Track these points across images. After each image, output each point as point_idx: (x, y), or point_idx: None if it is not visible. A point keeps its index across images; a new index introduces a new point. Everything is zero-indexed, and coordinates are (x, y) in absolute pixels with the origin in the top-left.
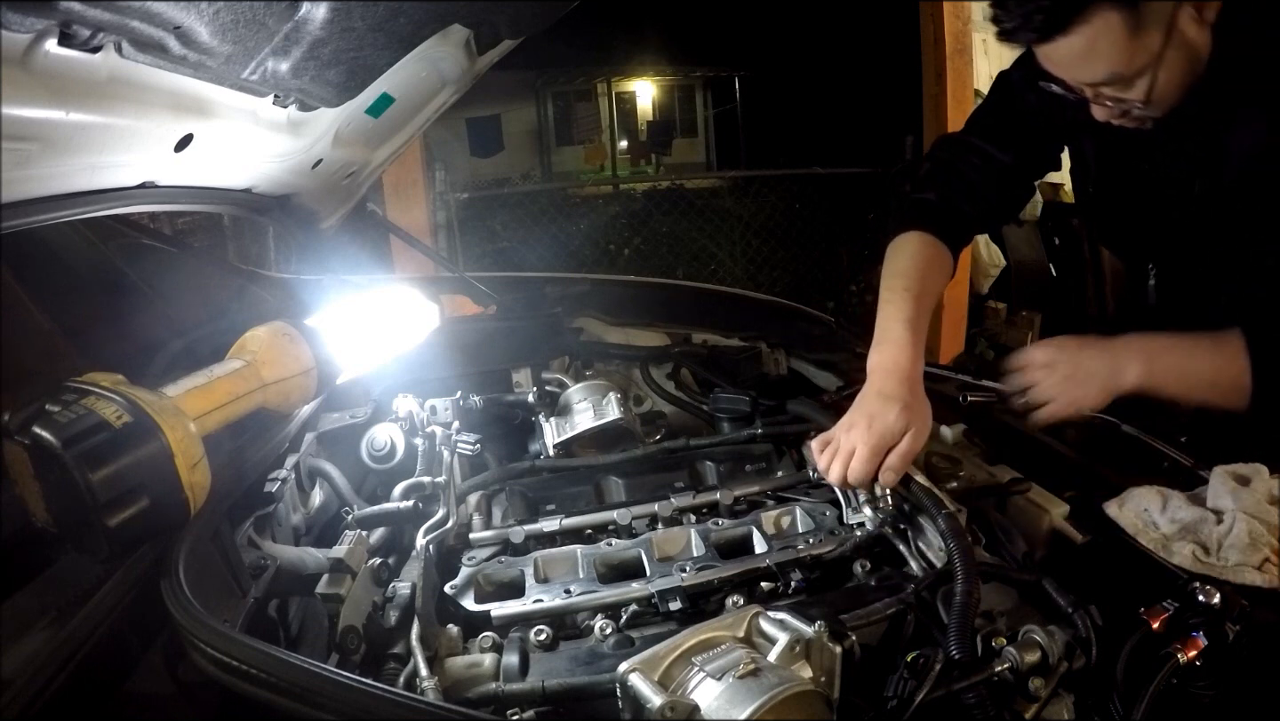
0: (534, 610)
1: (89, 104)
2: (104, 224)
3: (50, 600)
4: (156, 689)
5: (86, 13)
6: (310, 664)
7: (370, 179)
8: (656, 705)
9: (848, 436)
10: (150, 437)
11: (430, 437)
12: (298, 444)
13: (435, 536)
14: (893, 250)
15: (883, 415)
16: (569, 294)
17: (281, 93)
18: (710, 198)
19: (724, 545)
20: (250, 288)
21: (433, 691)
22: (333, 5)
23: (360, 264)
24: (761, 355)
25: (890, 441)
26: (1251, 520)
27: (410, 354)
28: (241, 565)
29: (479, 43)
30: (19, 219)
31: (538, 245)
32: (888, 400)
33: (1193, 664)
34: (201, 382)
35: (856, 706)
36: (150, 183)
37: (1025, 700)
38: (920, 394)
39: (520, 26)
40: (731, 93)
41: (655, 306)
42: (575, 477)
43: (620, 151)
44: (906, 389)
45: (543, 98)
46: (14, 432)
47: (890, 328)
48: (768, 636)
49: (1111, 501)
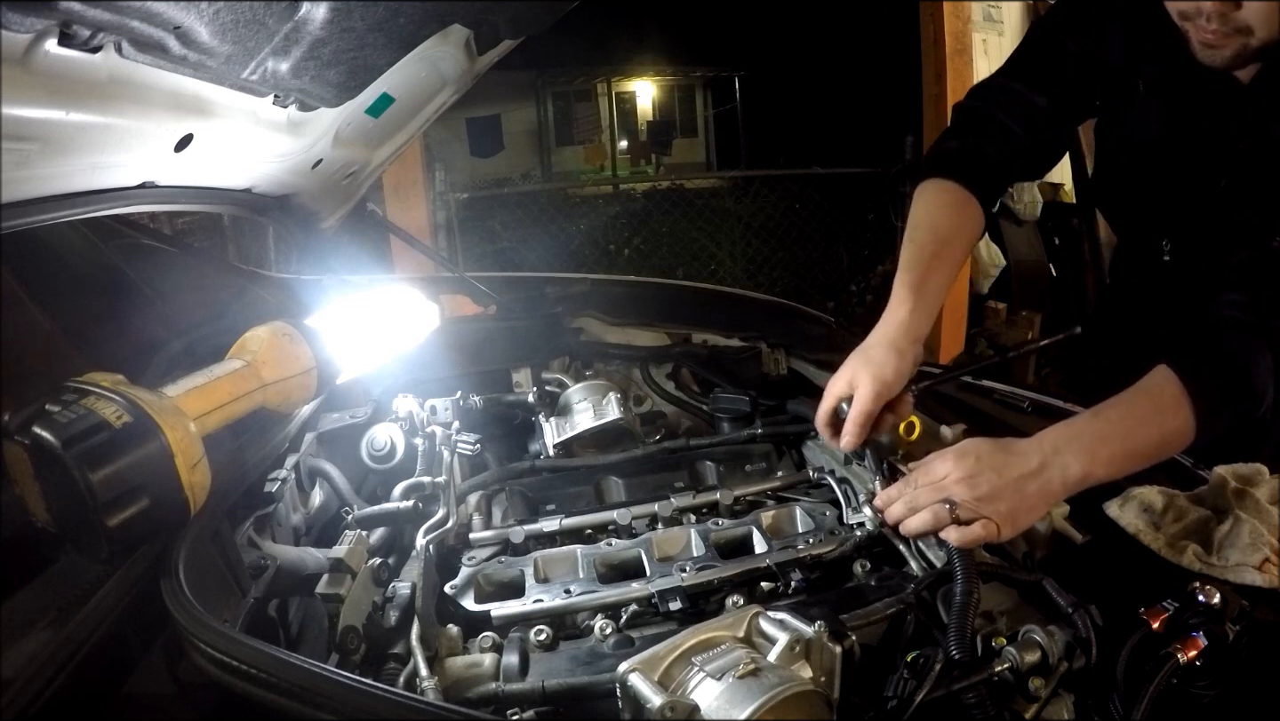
0: (534, 610)
1: (89, 104)
2: (104, 224)
3: (50, 600)
4: (156, 689)
5: (86, 13)
6: (310, 664)
7: (370, 179)
8: (656, 705)
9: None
10: (150, 437)
11: (430, 437)
12: (298, 444)
13: (435, 536)
14: (913, 201)
15: (832, 381)
16: (569, 294)
17: (281, 93)
18: (710, 198)
19: (724, 545)
20: (250, 288)
21: (433, 691)
22: (333, 5)
23: (360, 264)
24: (761, 355)
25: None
26: (1251, 520)
27: (410, 354)
28: (241, 565)
29: (479, 43)
30: (19, 219)
31: (538, 245)
32: (845, 364)
33: (1193, 664)
34: (201, 383)
35: (856, 706)
36: (150, 183)
37: (1025, 700)
38: (882, 354)
39: (520, 26)
40: (731, 93)
41: (655, 306)
42: (575, 477)
43: (620, 151)
44: (864, 351)
45: (543, 98)
46: (14, 432)
47: (894, 289)
48: (768, 636)
49: (1111, 501)
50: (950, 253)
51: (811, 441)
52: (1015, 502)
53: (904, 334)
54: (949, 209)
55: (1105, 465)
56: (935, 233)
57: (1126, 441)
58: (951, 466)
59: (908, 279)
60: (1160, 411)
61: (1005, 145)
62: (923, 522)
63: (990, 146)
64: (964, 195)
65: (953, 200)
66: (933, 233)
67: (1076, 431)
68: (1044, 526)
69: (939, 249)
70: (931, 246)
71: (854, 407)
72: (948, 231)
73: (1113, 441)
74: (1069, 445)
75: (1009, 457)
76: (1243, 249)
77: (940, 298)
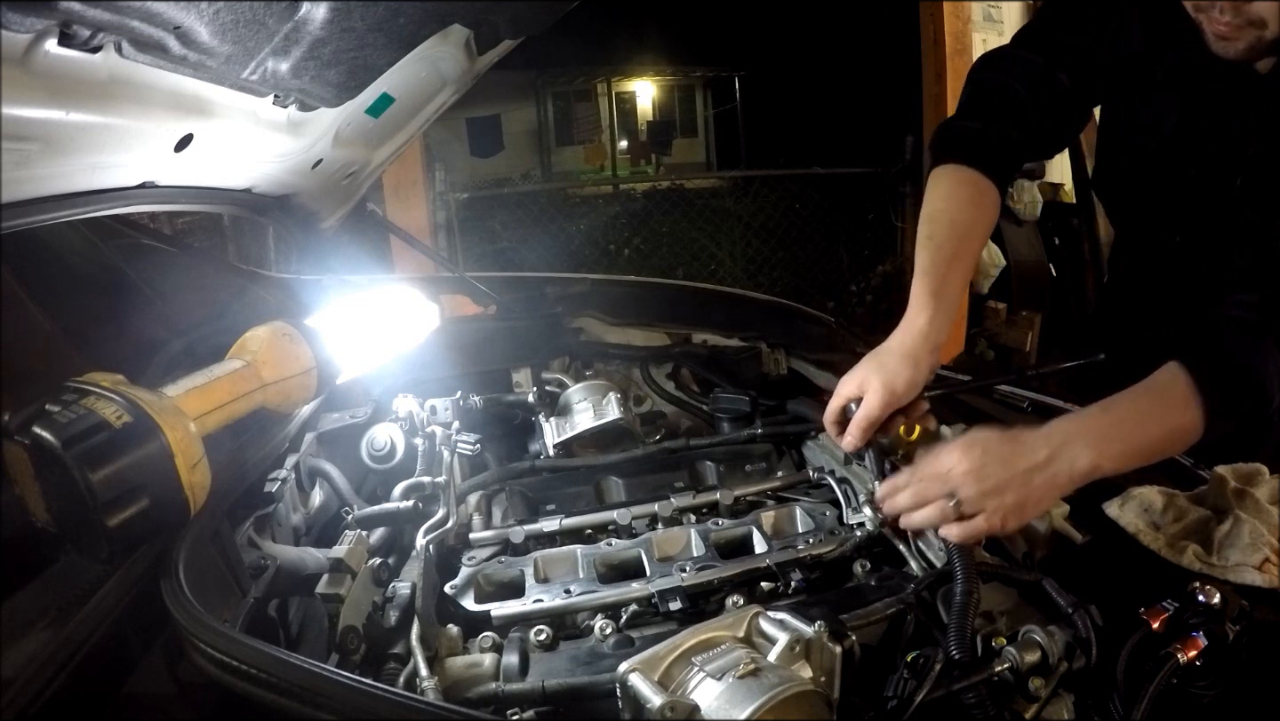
0: (534, 610)
1: (89, 104)
2: (104, 224)
3: (50, 600)
4: (156, 689)
5: (86, 13)
6: (310, 664)
7: (370, 179)
8: (656, 705)
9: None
10: (150, 437)
11: (430, 437)
12: (298, 444)
13: (435, 536)
14: (929, 187)
15: (843, 380)
16: (569, 294)
17: (281, 93)
18: (710, 198)
19: (724, 545)
20: (250, 288)
21: (433, 691)
22: (333, 5)
23: (360, 264)
24: (761, 355)
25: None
26: (1251, 520)
27: (410, 354)
28: (241, 565)
29: (479, 43)
30: (19, 219)
31: (538, 245)
32: (860, 365)
33: (1193, 664)
34: (201, 383)
35: (856, 706)
36: (150, 183)
37: (1025, 700)
38: (897, 362)
39: (520, 26)
40: (731, 93)
41: (655, 306)
42: (575, 477)
43: (620, 151)
44: (880, 356)
45: (543, 98)
46: (14, 432)
47: (914, 292)
48: (768, 636)
49: (1111, 501)
50: (969, 248)
51: (811, 441)
52: (1022, 495)
53: (922, 341)
54: (968, 201)
55: (1113, 459)
56: (954, 228)
57: (1135, 436)
58: (958, 458)
59: (928, 283)
60: (1169, 407)
61: (1024, 124)
62: (925, 517)
63: (1011, 128)
64: (984, 183)
65: (972, 191)
66: (952, 228)
67: (1085, 424)
68: (1044, 526)
69: (958, 246)
70: (951, 245)
71: (860, 411)
72: (966, 226)
73: (1122, 435)
74: (1078, 438)
75: (1016, 449)
76: (1249, 249)
77: (960, 299)
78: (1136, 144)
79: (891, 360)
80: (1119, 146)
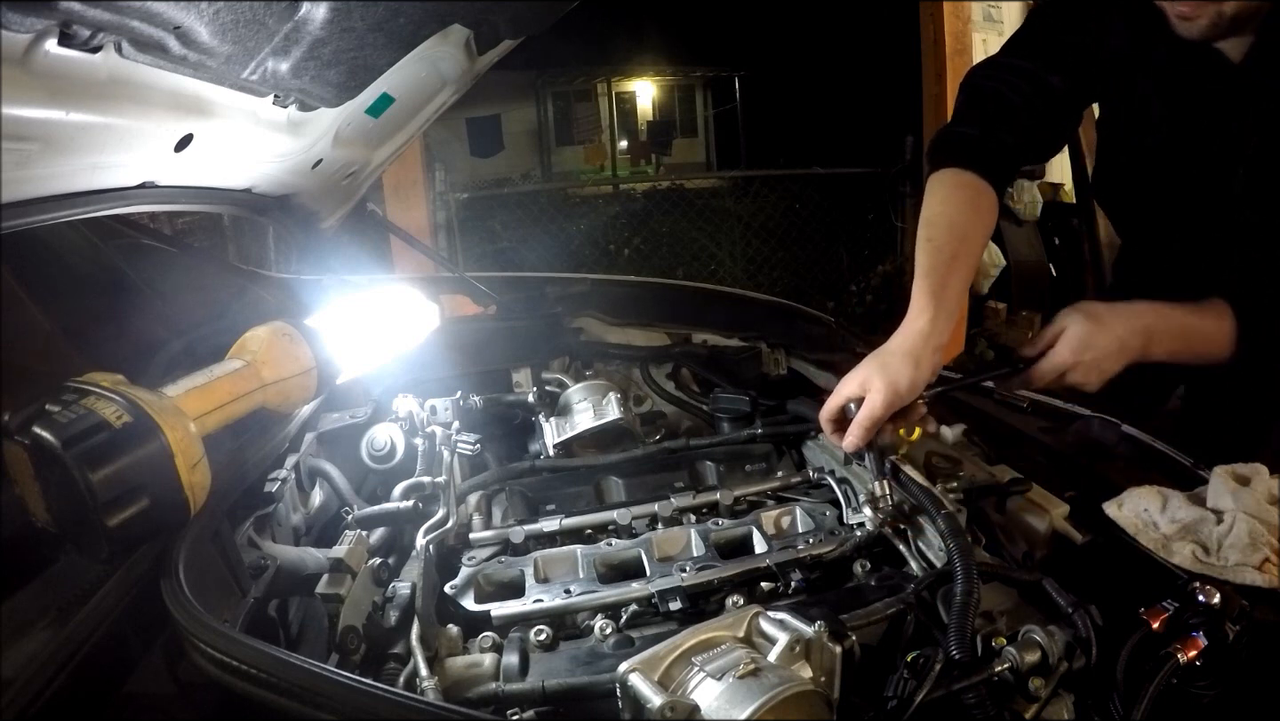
0: (534, 610)
1: (89, 104)
2: (104, 224)
3: (50, 600)
4: (156, 689)
5: (86, 13)
6: (310, 664)
7: (370, 179)
8: (656, 705)
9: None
10: (150, 437)
11: (430, 437)
12: (298, 444)
13: (435, 536)
14: (927, 192)
15: (844, 380)
16: (569, 294)
17: (281, 93)
18: (710, 198)
19: (724, 545)
20: (250, 287)
21: (433, 691)
22: (333, 5)
23: (360, 264)
24: (761, 355)
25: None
26: (1251, 520)
27: (410, 354)
28: (241, 565)
29: (479, 43)
30: (19, 219)
31: (538, 245)
32: (861, 365)
33: (1193, 664)
34: (201, 382)
35: (856, 706)
36: (150, 183)
37: (1025, 700)
38: (899, 362)
39: (520, 26)
40: (731, 93)
41: (655, 306)
42: (575, 477)
43: (620, 151)
44: (882, 356)
45: (543, 98)
46: (14, 432)
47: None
48: (768, 636)
49: (1111, 501)
50: (969, 250)
51: (811, 441)
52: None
53: (924, 342)
54: (967, 204)
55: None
56: (954, 230)
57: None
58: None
59: (929, 285)
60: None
61: (1020, 129)
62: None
63: (1006, 133)
64: (982, 186)
65: (970, 194)
66: (951, 230)
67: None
68: (1044, 526)
69: (958, 248)
70: (950, 247)
71: (862, 411)
72: (965, 228)
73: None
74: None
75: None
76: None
77: (961, 300)
78: (1135, 143)
79: (894, 360)
80: (1118, 146)
